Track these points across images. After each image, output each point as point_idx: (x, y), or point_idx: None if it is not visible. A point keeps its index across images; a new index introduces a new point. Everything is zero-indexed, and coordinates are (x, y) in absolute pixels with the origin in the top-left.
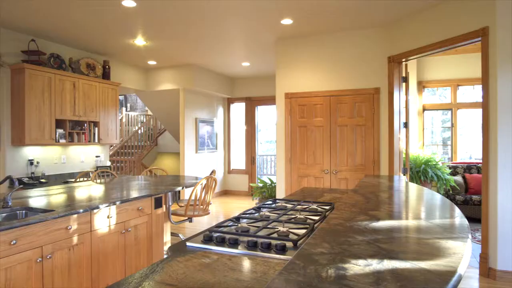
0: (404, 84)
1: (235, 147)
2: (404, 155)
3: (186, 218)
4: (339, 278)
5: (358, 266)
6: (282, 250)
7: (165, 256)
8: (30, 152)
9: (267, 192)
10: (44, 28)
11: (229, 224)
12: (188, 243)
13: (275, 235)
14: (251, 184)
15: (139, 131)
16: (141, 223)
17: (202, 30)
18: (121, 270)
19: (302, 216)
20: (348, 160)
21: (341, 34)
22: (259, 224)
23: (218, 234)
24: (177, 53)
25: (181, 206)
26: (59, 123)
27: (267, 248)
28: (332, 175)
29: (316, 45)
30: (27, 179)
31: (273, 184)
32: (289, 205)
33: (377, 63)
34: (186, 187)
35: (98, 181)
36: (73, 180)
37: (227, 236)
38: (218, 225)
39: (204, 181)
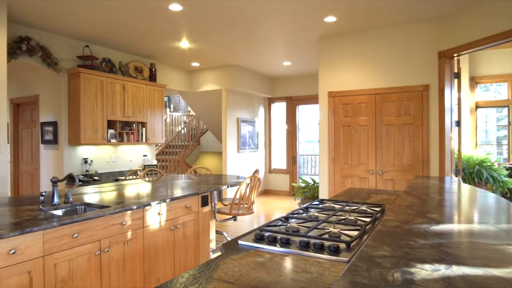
0: (455, 80)
1: (276, 147)
2: (456, 156)
3: (231, 216)
4: (407, 283)
5: (425, 271)
6: (335, 251)
7: (211, 253)
8: (84, 151)
9: (310, 192)
10: (96, 34)
11: (278, 224)
12: (240, 242)
13: (326, 236)
14: (293, 184)
15: (182, 131)
16: (188, 221)
17: (244, 30)
18: (171, 266)
19: (352, 218)
20: (395, 160)
21: (387, 30)
22: (309, 224)
23: (269, 233)
24: (219, 54)
25: (225, 205)
26: (110, 124)
27: (320, 249)
28: (378, 175)
29: (360, 42)
30: (82, 176)
31: (315, 184)
32: (337, 206)
33: (426, 59)
34: (231, 186)
35: (147, 179)
36: (123, 178)
37: (278, 235)
38: (268, 224)
39: (248, 180)
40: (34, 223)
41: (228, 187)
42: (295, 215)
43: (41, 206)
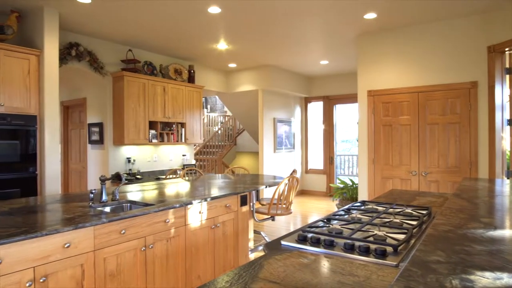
0: (507, 76)
1: (313, 147)
2: (508, 156)
3: (269, 216)
4: None
5: (486, 279)
6: (382, 255)
7: (250, 253)
8: (127, 151)
9: (348, 193)
10: (139, 38)
11: (320, 225)
12: (282, 242)
13: (371, 238)
14: (331, 185)
15: (219, 131)
16: (228, 220)
17: (281, 30)
18: (211, 263)
19: (397, 220)
20: (440, 161)
21: (431, 25)
22: (352, 226)
23: (312, 234)
24: (256, 54)
25: (262, 205)
26: (152, 125)
27: (365, 251)
28: (421, 177)
29: (402, 38)
30: (126, 175)
31: (354, 185)
32: (380, 208)
33: (474, 55)
34: (269, 186)
35: (186, 178)
36: (163, 177)
37: (322, 237)
38: (310, 225)
39: (286, 180)
40: (86, 219)
41: (266, 187)
42: (337, 217)
43: (90, 203)
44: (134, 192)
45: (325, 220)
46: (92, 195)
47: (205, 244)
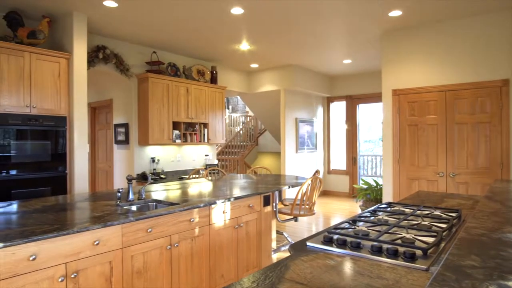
0: None
1: (335, 147)
2: None
3: (292, 217)
4: None
5: None
6: (411, 258)
7: (272, 253)
8: (152, 151)
9: (372, 195)
10: (162, 40)
11: (345, 226)
12: (308, 243)
13: (399, 241)
14: (354, 186)
15: (241, 132)
16: (251, 220)
17: (304, 29)
18: (234, 263)
19: (426, 223)
20: (469, 162)
21: (459, 22)
22: (378, 228)
23: (338, 236)
24: (278, 54)
25: (285, 205)
26: (175, 125)
27: (394, 254)
28: (449, 178)
29: (428, 36)
30: (150, 174)
31: (378, 186)
32: (407, 210)
33: (505, 51)
34: (292, 186)
35: (209, 178)
36: (186, 176)
37: (348, 239)
38: (336, 227)
39: (309, 181)
40: (114, 217)
41: (289, 187)
42: (363, 218)
43: (118, 202)
44: (159, 191)
45: (351, 222)
46: (119, 194)
47: (228, 244)
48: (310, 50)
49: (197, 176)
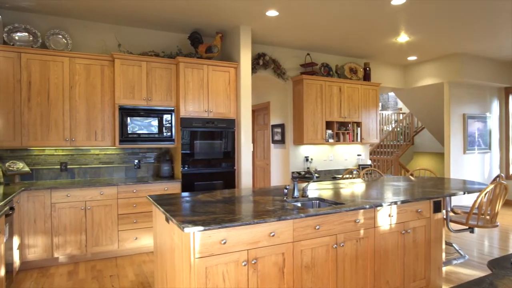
0: None
1: None
2: None
3: (467, 227)
4: None
5: None
6: None
7: (443, 266)
8: (305, 150)
9: None
10: (315, 42)
11: None
12: None
13: None
14: None
15: (396, 129)
16: (419, 226)
17: (474, 10)
18: (400, 271)
19: None
20: None
21: None
22: None
23: None
24: (441, 43)
25: (455, 213)
26: (328, 125)
27: None
28: None
29: None
30: (304, 173)
31: None
32: None
33: None
34: (468, 192)
35: (365, 178)
36: (339, 176)
37: None
38: None
39: (492, 186)
40: (285, 212)
41: (464, 193)
42: None
43: (285, 198)
44: (319, 190)
45: None
46: (286, 190)
47: (394, 249)
48: (482, 33)
49: (350, 176)
